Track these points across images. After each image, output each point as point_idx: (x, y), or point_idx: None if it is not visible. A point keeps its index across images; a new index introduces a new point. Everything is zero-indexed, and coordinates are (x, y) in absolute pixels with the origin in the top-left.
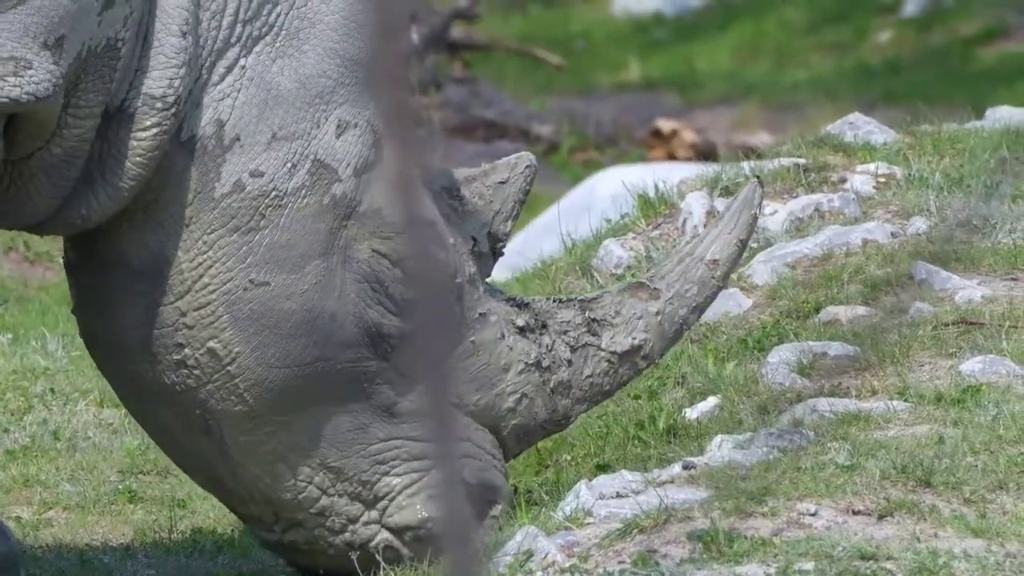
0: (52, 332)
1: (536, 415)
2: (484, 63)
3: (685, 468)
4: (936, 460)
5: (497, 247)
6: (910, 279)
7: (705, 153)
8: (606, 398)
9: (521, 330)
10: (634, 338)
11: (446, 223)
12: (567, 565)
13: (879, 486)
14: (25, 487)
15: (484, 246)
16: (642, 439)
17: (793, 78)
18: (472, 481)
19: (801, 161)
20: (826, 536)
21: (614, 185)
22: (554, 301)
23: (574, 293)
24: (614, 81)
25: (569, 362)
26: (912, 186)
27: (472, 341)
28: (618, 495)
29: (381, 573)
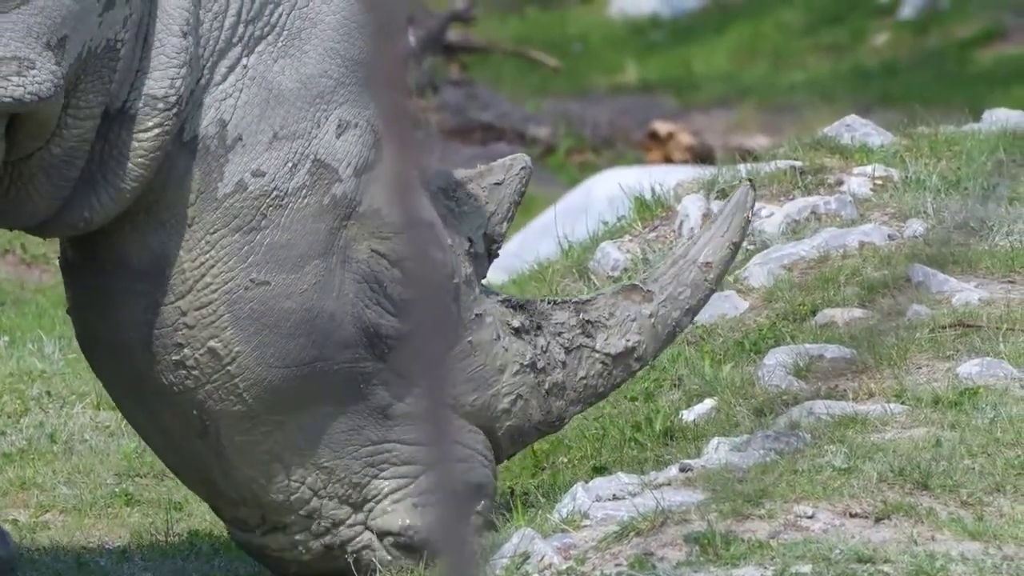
0: (49, 335)
1: (531, 416)
2: (481, 65)
3: (682, 470)
4: (933, 463)
5: (493, 248)
6: (907, 281)
7: (702, 155)
8: (600, 399)
9: (516, 331)
10: (628, 340)
11: (443, 224)
12: (564, 568)
13: (876, 489)
14: (22, 490)
15: (480, 247)
16: (639, 441)
17: (790, 80)
18: (460, 484)
19: (798, 163)
20: (823, 539)
21: (611, 187)
22: (548, 303)
23: (571, 295)
24: (611, 83)
25: (564, 363)
26: (909, 188)
27: (469, 341)
28: (615, 497)
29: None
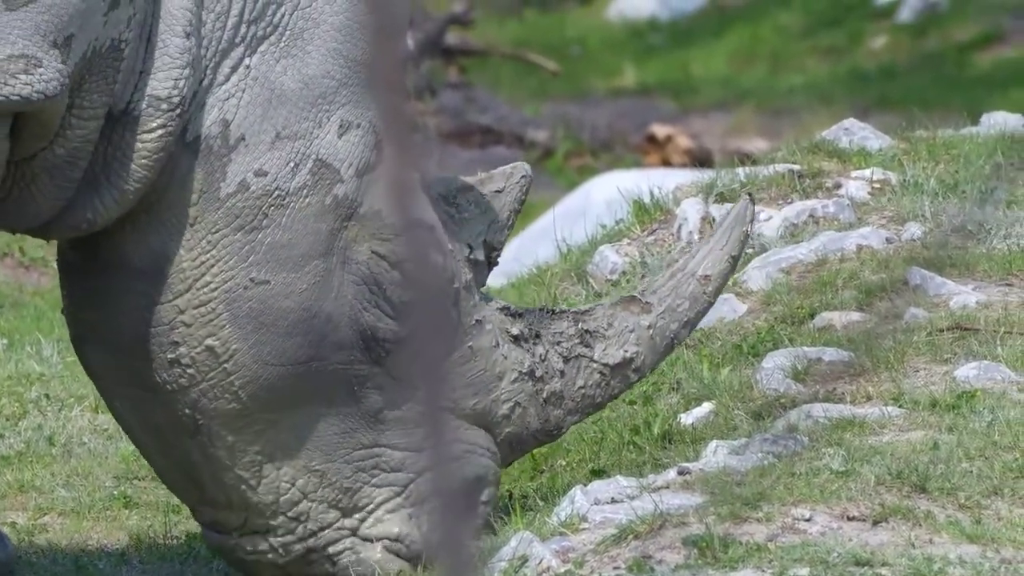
0: (47, 337)
1: (528, 424)
2: (479, 68)
3: (680, 474)
4: (931, 466)
5: (492, 256)
6: (905, 285)
7: (700, 159)
8: (597, 410)
9: (515, 339)
10: (626, 351)
11: (443, 229)
12: (562, 571)
13: (874, 492)
14: (20, 493)
15: (480, 254)
16: (637, 444)
17: (788, 83)
18: (458, 486)
19: (796, 167)
20: (821, 542)
21: (609, 191)
22: (547, 312)
23: (570, 299)
24: (609, 86)
25: (562, 372)
26: (907, 192)
27: (469, 347)
28: (613, 500)
29: None
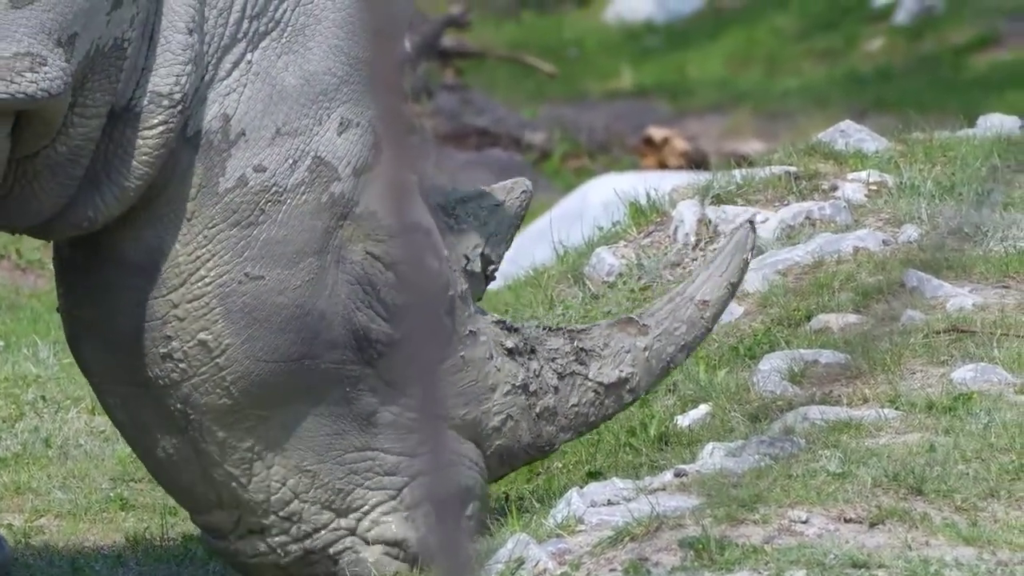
0: (43, 339)
1: (520, 438)
2: (476, 71)
3: (677, 475)
4: (927, 468)
5: (489, 270)
6: (901, 287)
7: (696, 161)
8: (591, 429)
9: (510, 352)
10: (621, 371)
11: (439, 235)
12: (558, 573)
13: (870, 494)
14: (16, 494)
15: (476, 265)
16: (633, 446)
17: (784, 86)
18: (454, 488)
19: (792, 169)
20: (817, 544)
21: (606, 193)
22: (543, 328)
23: (566, 300)
24: (606, 89)
25: (556, 389)
26: (903, 194)
27: (462, 356)
28: (609, 502)
29: None
